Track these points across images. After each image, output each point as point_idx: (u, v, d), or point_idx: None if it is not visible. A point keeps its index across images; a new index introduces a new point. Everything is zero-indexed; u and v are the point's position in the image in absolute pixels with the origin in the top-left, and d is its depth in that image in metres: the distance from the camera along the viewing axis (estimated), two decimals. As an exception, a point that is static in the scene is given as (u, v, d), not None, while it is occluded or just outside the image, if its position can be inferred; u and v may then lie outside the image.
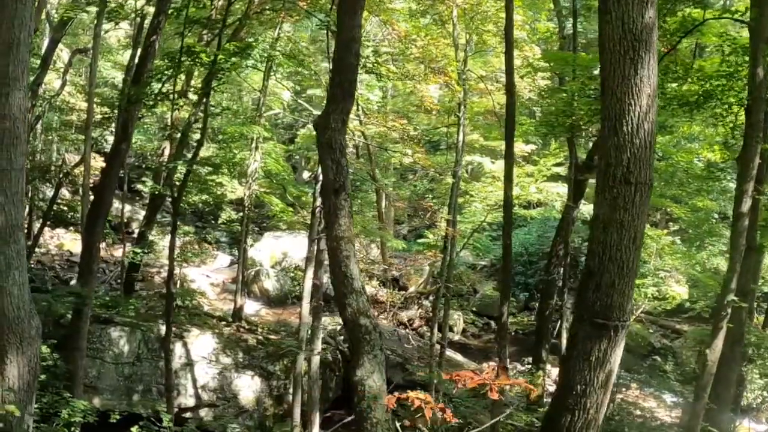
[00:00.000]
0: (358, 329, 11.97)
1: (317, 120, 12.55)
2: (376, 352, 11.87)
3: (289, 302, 34.85)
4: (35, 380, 12.55)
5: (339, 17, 12.46)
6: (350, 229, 12.24)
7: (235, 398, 24.54)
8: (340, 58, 12.26)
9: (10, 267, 11.93)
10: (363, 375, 11.77)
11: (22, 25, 11.70)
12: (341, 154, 12.16)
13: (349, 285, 12.00)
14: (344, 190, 12.14)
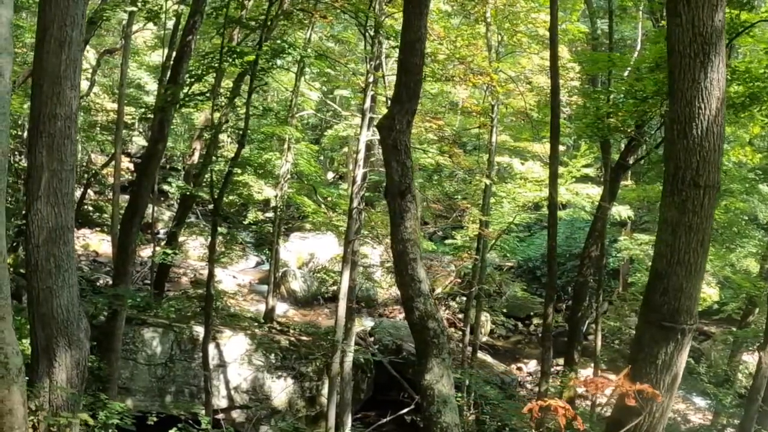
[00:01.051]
0: (426, 333, 11.68)
1: (381, 121, 12.28)
2: (444, 355, 11.60)
3: (316, 303, 34.70)
4: (83, 384, 12.40)
5: (405, 17, 12.15)
6: (416, 231, 11.97)
7: (268, 400, 24.28)
8: (406, 59, 11.97)
9: (59, 269, 11.77)
10: (432, 379, 11.46)
11: (74, 23, 11.54)
12: (406, 156, 11.89)
13: (416, 288, 11.72)
14: (410, 192, 11.88)
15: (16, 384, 7.82)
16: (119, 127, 26.76)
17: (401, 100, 11.89)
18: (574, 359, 26.64)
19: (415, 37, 11.80)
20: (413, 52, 11.83)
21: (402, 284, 12.01)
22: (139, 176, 21.57)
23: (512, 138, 31.05)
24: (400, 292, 12.42)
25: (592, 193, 29.75)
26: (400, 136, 11.82)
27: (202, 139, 29.41)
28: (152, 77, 40.90)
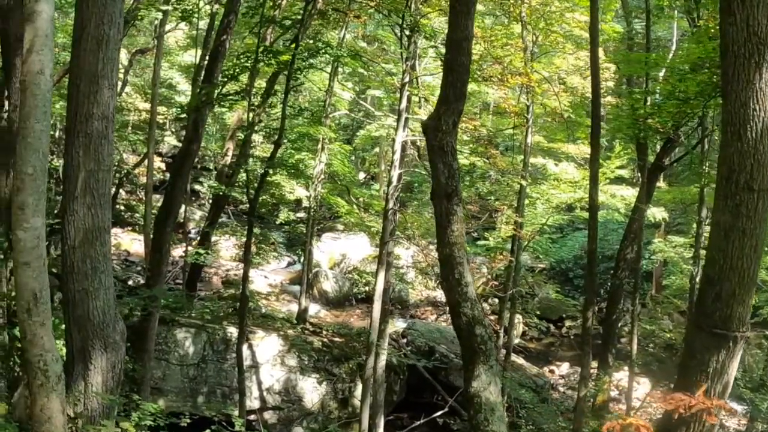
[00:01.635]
0: (474, 339, 11.42)
1: (427, 122, 12.01)
2: (492, 362, 11.33)
3: (348, 304, 34.51)
4: (118, 386, 12.19)
5: (451, 16, 11.89)
6: (463, 235, 11.73)
7: (300, 401, 24.07)
8: (453, 57, 11.69)
9: (96, 270, 11.59)
10: (479, 387, 11.18)
11: (111, 21, 11.35)
12: (453, 158, 11.64)
13: (463, 293, 11.47)
14: (456, 195, 11.63)
15: (55, 392, 7.60)
16: (152, 126, 26.65)
17: (448, 100, 11.63)
18: (608, 362, 26.28)
19: (462, 36, 11.53)
20: (460, 51, 11.55)
21: (448, 289, 11.77)
22: (173, 176, 21.42)
23: (546, 139, 30.69)
24: (446, 297, 12.18)
25: (626, 195, 29.40)
26: (446, 138, 11.56)
27: (234, 139, 29.24)
28: (184, 77, 40.85)
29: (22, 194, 7.28)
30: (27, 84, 7.38)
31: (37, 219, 7.35)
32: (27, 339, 7.54)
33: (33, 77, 7.36)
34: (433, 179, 11.92)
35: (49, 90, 7.54)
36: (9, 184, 15.92)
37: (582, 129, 29.02)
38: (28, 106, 7.33)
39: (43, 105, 7.40)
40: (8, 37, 15.80)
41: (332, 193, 30.98)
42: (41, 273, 7.47)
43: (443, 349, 27.19)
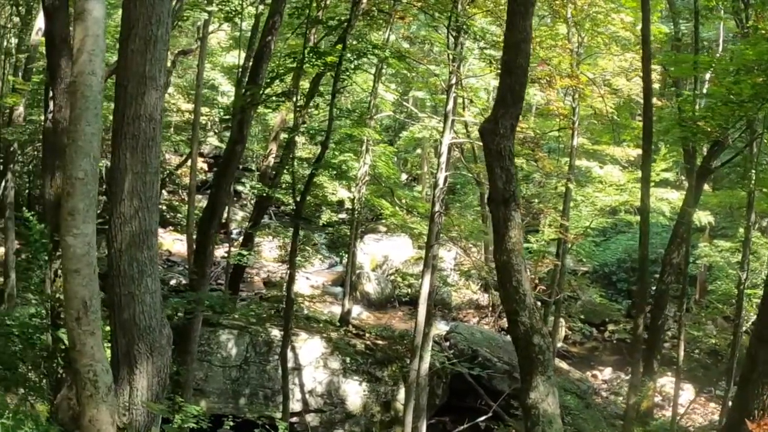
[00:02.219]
0: (531, 348, 11.15)
1: (484, 125, 11.71)
2: (550, 373, 11.05)
3: (390, 306, 34.27)
4: (164, 391, 11.95)
5: (509, 17, 11.63)
6: (521, 241, 11.44)
7: (343, 404, 23.87)
8: (511, 59, 11.42)
9: (142, 274, 11.35)
10: (537, 398, 10.91)
11: (159, 21, 11.08)
12: (510, 162, 11.35)
13: (521, 301, 11.20)
14: (514, 200, 11.35)
15: (105, 403, 7.35)
16: (195, 127, 26.49)
17: (505, 103, 11.35)
18: (653, 368, 25.91)
19: (520, 38, 11.27)
20: (518, 53, 11.27)
21: (506, 297, 11.52)
22: (217, 177, 21.26)
23: (590, 141, 30.29)
24: (504, 305, 11.95)
25: (671, 198, 29.00)
26: (504, 141, 11.29)
27: (278, 141, 28.99)
28: (226, 78, 40.80)
29: (72, 199, 7.01)
30: (77, 85, 7.12)
31: (87, 225, 7.09)
32: (76, 349, 7.28)
33: (83, 78, 7.10)
34: (490, 184, 11.64)
35: (99, 92, 7.29)
36: (54, 186, 15.77)
37: (627, 131, 28.61)
38: (79, 109, 7.07)
39: (94, 107, 7.13)
40: (54, 38, 15.64)
41: (376, 194, 30.73)
42: (91, 281, 7.21)
43: (486, 353, 26.83)
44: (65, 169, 7.37)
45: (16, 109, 25.70)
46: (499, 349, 27.74)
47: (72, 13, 15.86)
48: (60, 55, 15.44)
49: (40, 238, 15.22)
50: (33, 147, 31.72)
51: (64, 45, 15.55)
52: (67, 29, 15.85)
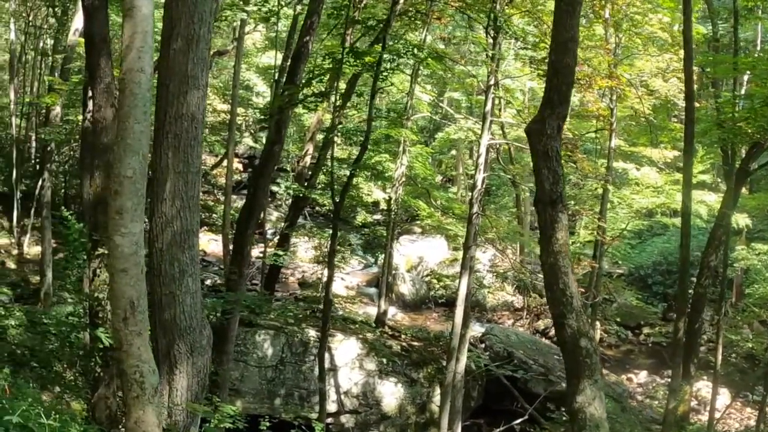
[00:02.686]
0: (578, 352, 11.07)
1: (530, 126, 11.59)
2: (597, 377, 10.96)
3: (425, 307, 34.13)
4: (203, 392, 11.88)
5: (556, 16, 11.51)
6: (567, 243, 11.35)
7: (378, 405, 23.74)
8: (558, 59, 11.30)
9: (183, 274, 11.28)
10: (583, 402, 10.84)
11: (202, 20, 11.00)
12: (557, 163, 11.26)
13: (568, 303, 11.09)
14: (561, 202, 11.25)
15: (151, 404, 7.24)
16: (232, 128, 26.44)
17: (552, 103, 11.23)
18: (690, 372, 25.53)
19: (567, 37, 11.14)
20: (566, 52, 11.14)
21: (552, 299, 11.40)
22: (255, 178, 21.19)
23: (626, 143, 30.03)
24: (550, 308, 11.85)
25: (708, 200, 28.67)
26: (551, 142, 11.19)
27: (314, 141, 28.92)
28: (261, 79, 40.77)
29: (120, 198, 6.91)
30: (126, 83, 7.01)
31: (135, 224, 6.99)
32: (123, 349, 7.18)
33: (132, 76, 6.99)
34: (536, 185, 11.55)
35: (148, 89, 7.19)
36: (93, 185, 15.72)
37: (665, 133, 28.31)
38: (127, 106, 6.96)
39: (143, 105, 7.03)
40: (93, 38, 15.57)
41: (412, 195, 30.59)
42: (139, 280, 7.11)
43: (521, 355, 26.62)
44: (113, 167, 7.27)
45: (53, 109, 25.75)
46: (535, 352, 27.54)
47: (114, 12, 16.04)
48: (99, 54, 15.40)
49: (79, 237, 15.21)
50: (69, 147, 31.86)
51: (104, 45, 15.53)
52: (106, 29, 15.84)
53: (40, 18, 35.75)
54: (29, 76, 40.14)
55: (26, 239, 31.64)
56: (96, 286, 15.47)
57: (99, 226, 15.55)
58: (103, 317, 15.35)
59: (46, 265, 24.95)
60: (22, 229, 32.22)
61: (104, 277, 15.43)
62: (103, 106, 15.33)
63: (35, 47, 37.93)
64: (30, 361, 18.66)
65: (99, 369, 15.53)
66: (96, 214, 15.56)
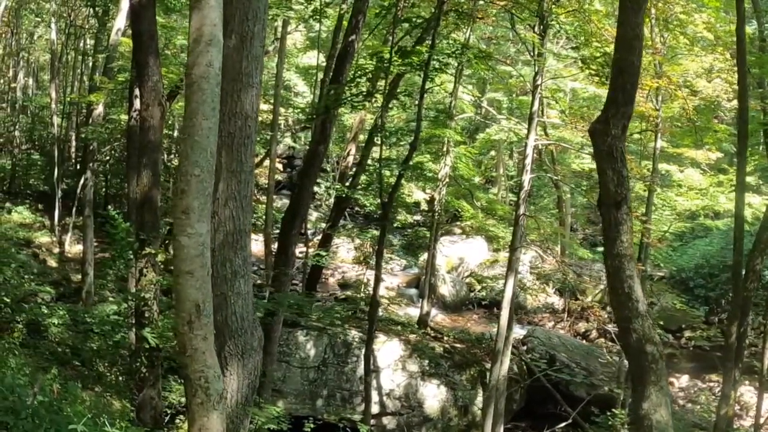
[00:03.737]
0: (644, 357, 10.85)
1: (594, 126, 11.30)
2: (663, 383, 10.70)
3: (465, 308, 33.82)
4: (253, 394, 11.66)
5: (621, 14, 11.27)
6: (632, 246, 11.08)
7: (420, 407, 23.44)
8: (623, 58, 11.03)
9: (236, 275, 11.04)
10: (649, 408, 10.64)
11: (256, 17, 10.77)
12: (623, 164, 10.99)
13: (634, 308, 10.86)
14: (626, 203, 10.94)
15: (216, 410, 6.97)
16: (274, 127, 26.15)
17: (617, 103, 10.95)
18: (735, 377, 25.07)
19: (633, 35, 10.85)
20: (631, 50, 10.85)
21: (617, 303, 11.18)
22: (300, 178, 21.05)
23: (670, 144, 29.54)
24: (614, 312, 11.65)
25: (753, 203, 28.16)
26: (616, 143, 10.91)
27: (356, 141, 28.69)
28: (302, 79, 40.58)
29: (187, 197, 6.63)
30: (194, 78, 6.73)
31: (202, 224, 6.70)
32: (187, 354, 6.90)
33: (201, 70, 6.71)
34: (600, 186, 11.23)
35: (218, 84, 6.90)
36: (141, 184, 15.53)
37: (710, 134, 27.81)
38: (195, 102, 6.68)
39: (211, 100, 6.75)
40: (141, 36, 15.39)
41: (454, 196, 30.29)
42: (205, 283, 6.83)
43: (564, 358, 26.29)
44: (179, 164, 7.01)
45: (96, 108, 25.59)
46: (577, 355, 27.22)
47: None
48: (148, 52, 15.22)
49: (126, 237, 15.01)
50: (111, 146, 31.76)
51: (152, 42, 15.35)
52: (154, 27, 15.65)
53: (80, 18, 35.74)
54: (70, 75, 40.20)
55: (68, 238, 31.55)
56: (142, 285, 15.28)
57: (145, 226, 15.40)
58: (149, 317, 15.19)
59: (88, 264, 24.80)
60: (63, 228, 32.16)
61: (150, 276, 15.30)
62: (151, 105, 15.16)
63: (76, 47, 37.96)
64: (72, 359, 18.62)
65: (144, 369, 15.31)
66: (143, 213, 15.42)
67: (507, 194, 42.81)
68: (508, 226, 32.00)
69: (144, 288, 15.23)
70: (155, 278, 15.33)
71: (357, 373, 22.86)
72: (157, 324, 15.10)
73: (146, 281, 15.17)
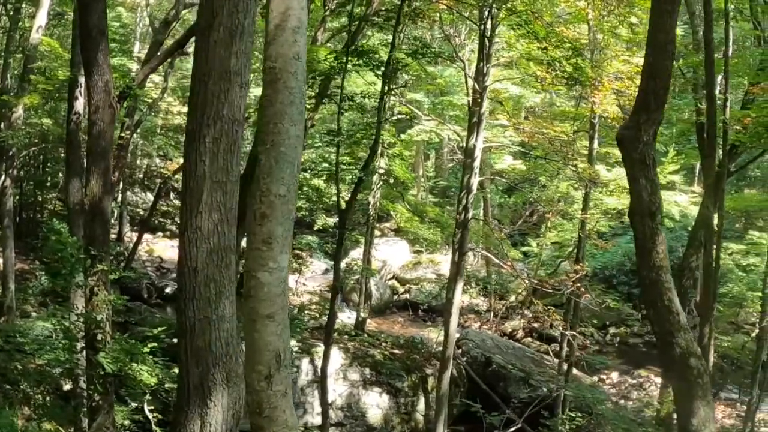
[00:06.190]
0: (689, 372, 10.43)
1: (623, 132, 10.56)
2: (709, 397, 10.35)
3: (389, 311, 32.89)
4: (238, 425, 10.27)
5: (654, 17, 10.57)
6: (667, 256, 10.30)
7: (363, 417, 22.45)
8: (655, 62, 10.37)
9: (220, 296, 9.71)
10: (698, 425, 10.37)
11: (246, 9, 9.42)
12: (655, 172, 10.21)
13: (675, 321, 10.34)
14: (660, 213, 10.19)
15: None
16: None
17: (648, 108, 10.26)
18: (672, 373, 24.65)
19: (666, 39, 10.37)
20: (664, 54, 10.28)
21: (657, 316, 10.64)
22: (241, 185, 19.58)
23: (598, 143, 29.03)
24: (654, 326, 11.15)
25: (680, 201, 27.88)
26: (647, 150, 10.23)
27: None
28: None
29: (269, 223, 5.21)
30: (278, 72, 5.30)
31: (284, 257, 5.32)
32: (264, 414, 5.50)
33: (286, 64, 5.29)
34: (632, 195, 10.45)
35: (304, 81, 5.54)
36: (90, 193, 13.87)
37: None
38: (280, 103, 5.26)
39: (299, 102, 5.35)
40: (90, 31, 13.73)
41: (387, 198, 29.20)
42: (286, 327, 5.46)
43: (499, 360, 25.57)
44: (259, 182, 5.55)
45: (15, 111, 23.62)
46: (511, 356, 26.55)
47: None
48: (97, 50, 13.58)
49: (78, 253, 13.34)
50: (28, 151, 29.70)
51: (102, 38, 13.73)
52: (105, 22, 14.02)
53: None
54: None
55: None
56: (94, 305, 13.66)
57: (96, 240, 13.82)
58: (102, 340, 13.60)
59: (9, 277, 22.87)
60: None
61: (102, 296, 13.71)
62: (101, 107, 13.56)
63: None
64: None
65: (98, 397, 13.70)
66: (93, 225, 13.82)
67: (427, 195, 41.86)
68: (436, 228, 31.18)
69: (96, 308, 13.62)
70: (107, 297, 13.76)
71: (299, 384, 21.68)
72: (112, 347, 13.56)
73: (99, 301, 13.56)
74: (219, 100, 9.36)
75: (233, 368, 9.89)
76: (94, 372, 13.47)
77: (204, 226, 9.51)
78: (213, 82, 9.36)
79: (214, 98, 9.37)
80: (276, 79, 5.31)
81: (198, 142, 9.45)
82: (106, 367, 13.02)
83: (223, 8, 9.27)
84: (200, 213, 9.50)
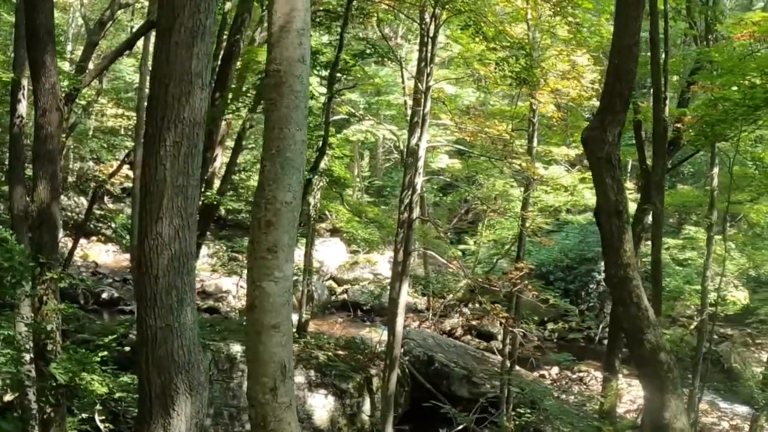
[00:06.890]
0: (659, 367, 10.70)
1: (588, 133, 10.76)
2: (679, 390, 10.80)
3: (327, 312, 32.78)
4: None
5: (618, 20, 10.99)
6: (634, 255, 10.30)
7: (309, 419, 22.08)
8: (621, 63, 10.76)
9: (182, 303, 9.37)
10: (671, 417, 10.55)
11: (208, 9, 9.08)
12: (619, 171, 10.48)
13: (644, 318, 10.64)
14: (626, 211, 10.31)
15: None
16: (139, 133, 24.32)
17: (614, 109, 10.52)
18: (615, 367, 24.75)
19: (631, 42, 10.76)
20: (629, 56, 10.64)
21: (627, 314, 10.89)
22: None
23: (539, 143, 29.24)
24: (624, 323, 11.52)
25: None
26: (612, 150, 10.45)
27: (223, 146, 26.96)
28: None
29: (275, 231, 5.05)
30: (282, 76, 5.14)
31: (289, 265, 5.15)
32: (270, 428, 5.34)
33: (291, 67, 5.14)
34: (598, 195, 10.52)
35: (308, 86, 5.36)
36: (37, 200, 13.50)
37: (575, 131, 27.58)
38: (285, 108, 5.10)
39: (304, 106, 5.20)
40: (37, 31, 13.34)
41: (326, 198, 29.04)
42: (290, 338, 5.29)
43: (442, 358, 25.61)
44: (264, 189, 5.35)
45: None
46: (453, 354, 26.62)
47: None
48: (45, 50, 13.20)
49: (26, 261, 12.92)
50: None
51: (49, 39, 13.34)
52: (52, 21, 13.63)
53: None
54: None
55: None
56: (43, 315, 13.28)
57: (44, 247, 13.45)
58: (53, 350, 13.23)
59: (-57, 286, 22.25)
60: None
61: (52, 305, 13.35)
62: (48, 110, 13.19)
63: None
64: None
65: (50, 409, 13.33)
66: (41, 232, 13.44)
67: (362, 195, 41.76)
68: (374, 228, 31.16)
69: (46, 318, 13.24)
70: (57, 306, 13.38)
71: (243, 388, 21.32)
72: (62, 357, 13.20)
73: (48, 310, 13.19)
74: (180, 102, 9.05)
75: (196, 376, 9.62)
76: (45, 383, 13.10)
77: (165, 232, 9.21)
78: (174, 84, 9.05)
79: (174, 101, 9.05)
80: (281, 82, 5.16)
81: (158, 146, 9.13)
82: (59, 378, 12.67)
83: (184, 9, 8.97)
84: (161, 218, 9.19)
